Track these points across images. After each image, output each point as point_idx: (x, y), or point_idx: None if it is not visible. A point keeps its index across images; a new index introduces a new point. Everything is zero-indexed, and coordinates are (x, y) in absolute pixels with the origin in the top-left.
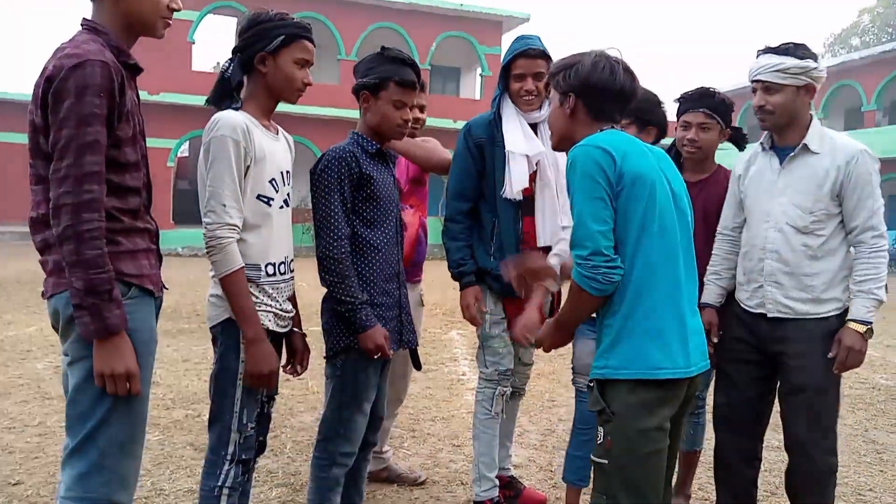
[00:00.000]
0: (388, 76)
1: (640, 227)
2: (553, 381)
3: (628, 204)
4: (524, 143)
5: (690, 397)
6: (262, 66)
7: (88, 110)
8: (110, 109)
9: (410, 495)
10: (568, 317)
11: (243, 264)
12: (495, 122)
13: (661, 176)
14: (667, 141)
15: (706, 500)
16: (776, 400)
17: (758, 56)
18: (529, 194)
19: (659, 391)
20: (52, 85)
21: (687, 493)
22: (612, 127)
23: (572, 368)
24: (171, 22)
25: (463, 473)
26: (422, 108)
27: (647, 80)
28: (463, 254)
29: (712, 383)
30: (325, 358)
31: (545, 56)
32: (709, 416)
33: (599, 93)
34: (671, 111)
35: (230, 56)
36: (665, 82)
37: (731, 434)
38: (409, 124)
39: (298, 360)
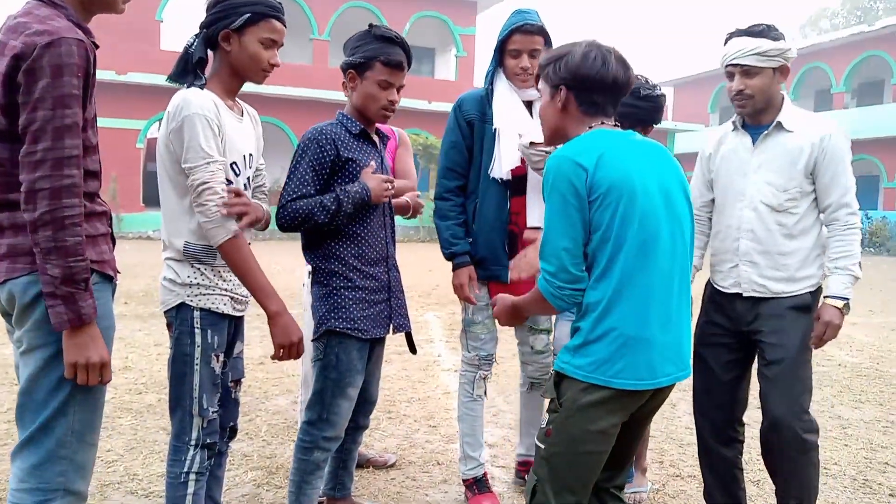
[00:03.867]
0: (374, 56)
1: (617, 237)
2: None
3: (603, 213)
4: (516, 121)
5: (660, 403)
6: (226, 44)
7: (66, 91)
8: (84, 90)
9: (387, 476)
10: (527, 309)
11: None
12: (487, 98)
13: (649, 179)
14: None
15: (677, 475)
16: (752, 380)
17: (728, 39)
18: (521, 174)
19: (613, 398)
20: (24, 63)
21: (643, 466)
22: (603, 123)
23: (552, 351)
24: None
25: (438, 454)
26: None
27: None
28: (453, 232)
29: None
30: (312, 340)
31: (542, 32)
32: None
33: (591, 84)
34: None
35: (196, 31)
36: (643, 64)
37: (709, 418)
38: (395, 105)
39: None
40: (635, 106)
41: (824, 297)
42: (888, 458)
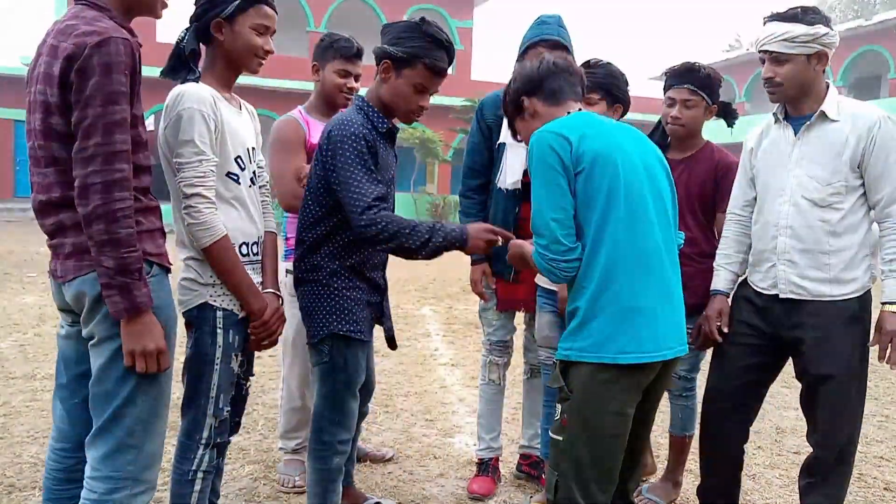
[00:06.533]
0: (419, 55)
1: (604, 209)
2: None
3: (589, 186)
4: None
5: (663, 381)
6: (218, 34)
7: (115, 88)
8: (131, 87)
9: (384, 470)
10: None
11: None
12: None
13: (631, 154)
14: (650, 117)
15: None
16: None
17: (764, 24)
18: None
19: (622, 375)
20: (76, 63)
21: (677, 479)
22: (578, 108)
23: (534, 341)
24: (168, 2)
25: (436, 447)
26: (357, 77)
27: (626, 53)
28: None
29: (703, 366)
30: (308, 344)
31: (562, 47)
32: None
33: (541, 79)
34: (642, 88)
35: (187, 25)
36: (645, 56)
37: (720, 417)
38: (423, 111)
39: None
40: (592, 73)
41: (881, 302)
42: (883, 451)
